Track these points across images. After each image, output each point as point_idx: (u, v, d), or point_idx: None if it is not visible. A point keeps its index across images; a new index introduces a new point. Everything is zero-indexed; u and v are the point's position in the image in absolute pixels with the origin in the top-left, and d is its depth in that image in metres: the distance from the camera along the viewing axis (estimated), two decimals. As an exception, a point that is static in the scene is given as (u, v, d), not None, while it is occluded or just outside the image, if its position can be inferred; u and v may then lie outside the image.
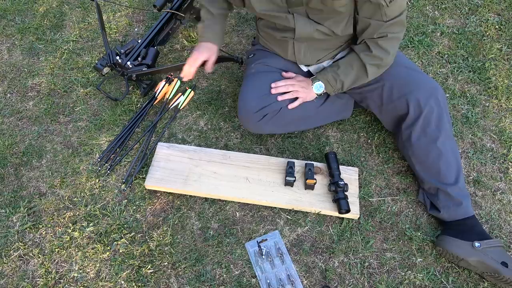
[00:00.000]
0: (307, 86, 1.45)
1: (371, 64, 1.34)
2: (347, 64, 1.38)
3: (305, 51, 1.45)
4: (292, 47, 1.45)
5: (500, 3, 2.11)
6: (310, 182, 1.44)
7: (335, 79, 1.40)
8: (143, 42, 1.82)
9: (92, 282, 1.34)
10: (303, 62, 1.52)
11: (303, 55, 1.46)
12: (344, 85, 1.41)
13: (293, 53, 1.47)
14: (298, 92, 1.44)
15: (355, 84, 1.42)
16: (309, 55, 1.46)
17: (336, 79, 1.40)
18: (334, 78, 1.40)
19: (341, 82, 1.40)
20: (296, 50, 1.45)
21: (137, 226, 1.45)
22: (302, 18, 1.32)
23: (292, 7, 1.30)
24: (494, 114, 1.71)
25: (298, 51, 1.45)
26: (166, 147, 1.58)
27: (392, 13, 1.23)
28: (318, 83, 1.43)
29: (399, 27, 1.28)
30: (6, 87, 1.85)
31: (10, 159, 1.62)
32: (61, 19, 2.12)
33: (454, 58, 1.88)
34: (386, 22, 1.24)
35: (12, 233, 1.44)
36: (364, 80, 1.39)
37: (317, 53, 1.46)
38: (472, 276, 1.33)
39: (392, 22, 1.25)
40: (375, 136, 1.64)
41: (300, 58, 1.48)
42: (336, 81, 1.40)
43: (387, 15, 1.23)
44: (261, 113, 1.45)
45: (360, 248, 1.39)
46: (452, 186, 1.36)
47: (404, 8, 1.25)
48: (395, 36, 1.29)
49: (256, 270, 1.35)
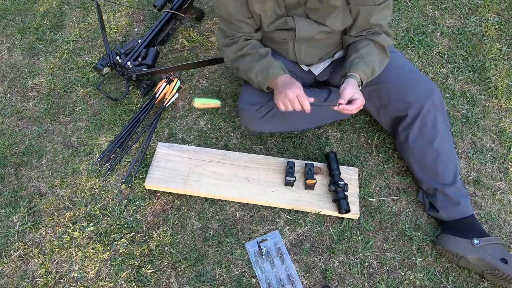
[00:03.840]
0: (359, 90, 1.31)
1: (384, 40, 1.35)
2: (368, 51, 1.34)
3: (306, 51, 1.45)
4: (292, 48, 1.45)
5: (500, 3, 2.11)
6: (310, 182, 1.44)
7: (367, 66, 1.32)
8: (143, 42, 1.82)
9: (92, 282, 1.34)
10: (304, 62, 1.52)
11: (304, 55, 1.47)
12: (375, 69, 1.35)
13: (294, 53, 1.47)
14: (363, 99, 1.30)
15: (382, 66, 1.38)
16: (310, 54, 1.46)
17: (368, 65, 1.33)
18: (366, 65, 1.32)
19: (372, 67, 1.33)
20: (297, 50, 1.45)
21: (137, 226, 1.45)
22: (302, 19, 1.32)
23: (290, 10, 1.30)
24: (494, 114, 1.71)
25: (299, 51, 1.45)
26: (166, 147, 1.58)
27: None
28: (356, 75, 1.30)
29: (388, 10, 1.31)
30: (6, 87, 1.85)
31: (10, 159, 1.62)
32: (61, 19, 2.12)
33: (454, 58, 1.88)
34: (379, 5, 1.27)
35: (12, 233, 1.44)
36: (387, 60, 1.38)
37: (318, 52, 1.46)
38: (472, 276, 1.33)
39: (383, 6, 1.28)
40: (375, 136, 1.64)
41: (301, 58, 1.48)
42: (368, 66, 1.33)
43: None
44: (262, 112, 1.45)
45: (360, 248, 1.39)
46: (450, 187, 1.36)
47: None
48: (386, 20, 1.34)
49: (256, 270, 1.35)
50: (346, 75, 1.31)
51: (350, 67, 1.32)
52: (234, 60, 1.43)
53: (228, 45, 1.42)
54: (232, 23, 1.36)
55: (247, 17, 1.34)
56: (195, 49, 1.97)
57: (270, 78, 1.34)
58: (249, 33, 1.40)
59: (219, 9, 1.35)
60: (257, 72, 1.36)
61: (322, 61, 1.51)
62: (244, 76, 1.45)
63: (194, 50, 1.96)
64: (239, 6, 1.30)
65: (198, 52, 1.95)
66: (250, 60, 1.38)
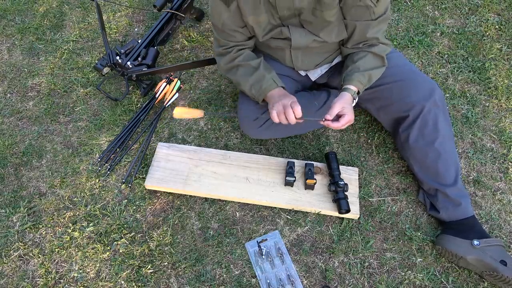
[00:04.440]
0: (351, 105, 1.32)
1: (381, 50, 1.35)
2: (364, 62, 1.34)
3: (302, 58, 1.45)
4: (289, 55, 1.44)
5: (500, 3, 2.10)
6: (310, 182, 1.44)
7: (362, 75, 1.32)
8: (143, 42, 1.82)
9: (92, 282, 1.34)
10: (301, 68, 1.51)
11: (300, 62, 1.46)
12: (371, 77, 1.35)
13: (291, 60, 1.46)
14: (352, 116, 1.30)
15: (379, 74, 1.38)
16: (306, 61, 1.46)
17: (363, 74, 1.33)
18: (361, 74, 1.32)
19: (368, 75, 1.33)
20: (294, 57, 1.45)
21: (137, 226, 1.45)
22: (297, 29, 1.32)
23: (285, 20, 1.31)
24: (494, 114, 1.71)
25: (296, 58, 1.45)
26: (166, 147, 1.58)
27: (380, 10, 1.26)
28: (351, 88, 1.31)
29: (384, 24, 1.31)
30: (6, 87, 1.85)
31: (10, 159, 1.62)
32: (61, 19, 2.12)
33: (454, 58, 1.88)
34: (375, 20, 1.27)
35: (12, 233, 1.44)
36: (383, 68, 1.38)
37: (314, 59, 1.46)
38: (472, 276, 1.33)
39: (380, 20, 1.28)
40: (375, 136, 1.64)
41: (298, 65, 1.48)
42: (364, 75, 1.33)
43: (375, 14, 1.26)
44: (261, 120, 1.46)
45: (360, 248, 1.39)
46: (450, 187, 1.36)
47: (389, 3, 1.28)
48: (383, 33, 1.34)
49: (256, 270, 1.35)
50: (342, 87, 1.33)
51: (345, 79, 1.34)
52: (227, 71, 1.45)
53: (221, 55, 1.44)
54: (225, 32, 1.37)
55: (240, 26, 1.35)
56: (195, 49, 1.97)
57: (264, 92, 1.36)
58: (242, 42, 1.41)
59: (213, 18, 1.36)
60: (250, 86, 1.39)
61: (319, 67, 1.51)
62: (238, 88, 1.48)
63: (194, 50, 1.96)
64: (233, 16, 1.31)
65: (198, 52, 1.95)
66: (243, 73, 1.40)
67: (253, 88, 1.38)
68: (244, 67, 1.40)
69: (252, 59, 1.41)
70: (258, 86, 1.36)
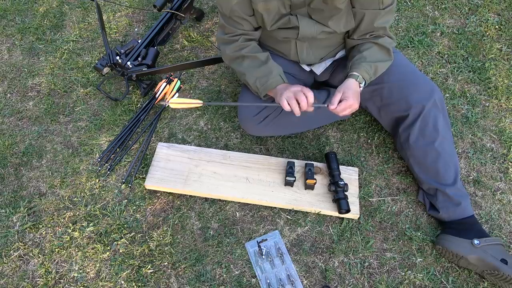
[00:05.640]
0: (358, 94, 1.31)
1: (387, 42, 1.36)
2: (371, 52, 1.35)
3: (307, 50, 1.45)
4: (294, 47, 1.44)
5: (500, 3, 2.11)
6: (310, 182, 1.44)
7: (369, 65, 1.33)
8: (143, 42, 1.82)
9: (92, 282, 1.34)
10: (306, 62, 1.51)
11: (305, 54, 1.46)
12: (378, 69, 1.35)
13: (296, 53, 1.47)
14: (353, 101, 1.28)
15: (385, 67, 1.38)
16: (311, 54, 1.46)
17: (370, 64, 1.33)
18: (368, 64, 1.33)
19: (375, 66, 1.34)
20: (299, 49, 1.45)
21: (137, 226, 1.45)
22: (305, 19, 1.32)
23: (294, 10, 1.30)
24: (494, 114, 1.71)
25: (301, 51, 1.45)
26: (166, 147, 1.58)
27: (388, 0, 1.27)
28: (356, 74, 1.31)
29: (391, 15, 1.32)
30: (6, 87, 1.85)
31: (10, 159, 1.62)
32: (61, 19, 2.12)
33: (454, 58, 1.88)
34: (383, 9, 1.28)
35: (12, 233, 1.44)
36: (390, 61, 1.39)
37: (319, 51, 1.46)
38: (472, 276, 1.33)
39: (387, 10, 1.29)
40: (375, 136, 1.64)
41: (303, 58, 1.48)
42: (371, 66, 1.33)
43: (383, 3, 1.27)
44: (261, 116, 1.46)
45: (360, 248, 1.39)
46: (450, 187, 1.36)
47: None
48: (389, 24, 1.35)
49: (256, 270, 1.35)
50: (348, 74, 1.32)
51: (352, 67, 1.33)
52: (232, 59, 1.43)
53: (227, 43, 1.42)
54: (232, 19, 1.36)
55: (249, 14, 1.34)
56: (195, 49, 1.97)
57: (269, 87, 1.35)
58: (249, 31, 1.40)
59: (221, 5, 1.34)
60: (255, 79, 1.37)
61: (323, 60, 1.51)
62: (241, 79, 1.45)
63: (194, 50, 1.96)
64: (242, 3, 1.30)
65: (198, 52, 1.95)
66: (249, 64, 1.39)
67: (258, 82, 1.37)
68: (250, 59, 1.39)
69: (260, 51, 1.41)
70: (264, 80, 1.35)
